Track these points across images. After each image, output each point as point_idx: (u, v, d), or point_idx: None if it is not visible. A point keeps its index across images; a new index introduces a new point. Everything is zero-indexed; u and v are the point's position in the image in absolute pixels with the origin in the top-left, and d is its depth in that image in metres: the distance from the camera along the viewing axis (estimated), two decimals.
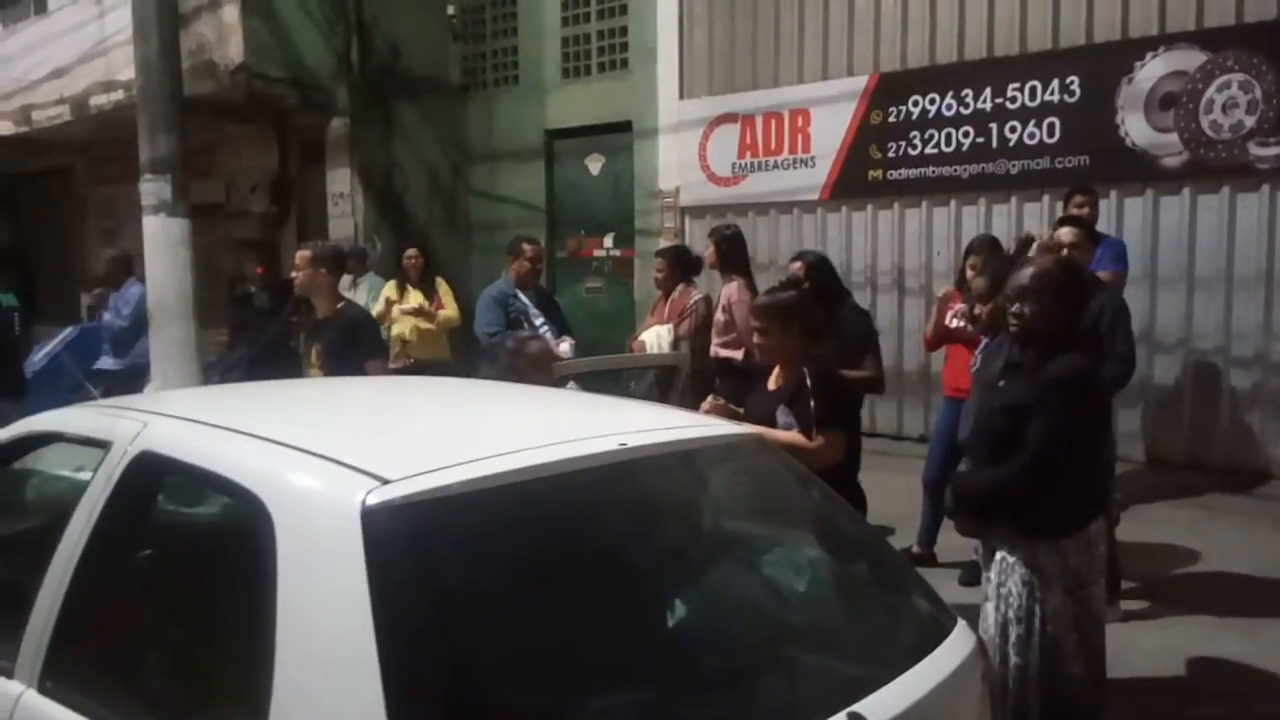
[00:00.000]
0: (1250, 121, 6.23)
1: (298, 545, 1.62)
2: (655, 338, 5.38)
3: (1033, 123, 6.98)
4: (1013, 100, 7.06)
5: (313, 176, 9.88)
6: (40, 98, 10.49)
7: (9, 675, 1.95)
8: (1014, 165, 7.08)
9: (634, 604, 1.87)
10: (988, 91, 7.15)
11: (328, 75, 9.26)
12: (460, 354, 6.90)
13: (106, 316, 7.06)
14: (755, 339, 3.56)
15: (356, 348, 4.27)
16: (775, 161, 8.20)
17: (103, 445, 2.11)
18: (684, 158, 8.64)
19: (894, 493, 5.23)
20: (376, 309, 6.68)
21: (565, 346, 5.37)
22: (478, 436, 2.08)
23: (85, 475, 2.14)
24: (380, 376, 3.93)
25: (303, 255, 4.58)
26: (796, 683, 1.83)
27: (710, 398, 3.62)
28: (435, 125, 10.00)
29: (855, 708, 1.73)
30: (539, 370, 3.35)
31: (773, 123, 8.18)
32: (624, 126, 9.04)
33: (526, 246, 5.72)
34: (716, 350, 5.23)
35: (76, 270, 12.29)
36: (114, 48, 9.07)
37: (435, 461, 1.77)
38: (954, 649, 2.03)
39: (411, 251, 6.99)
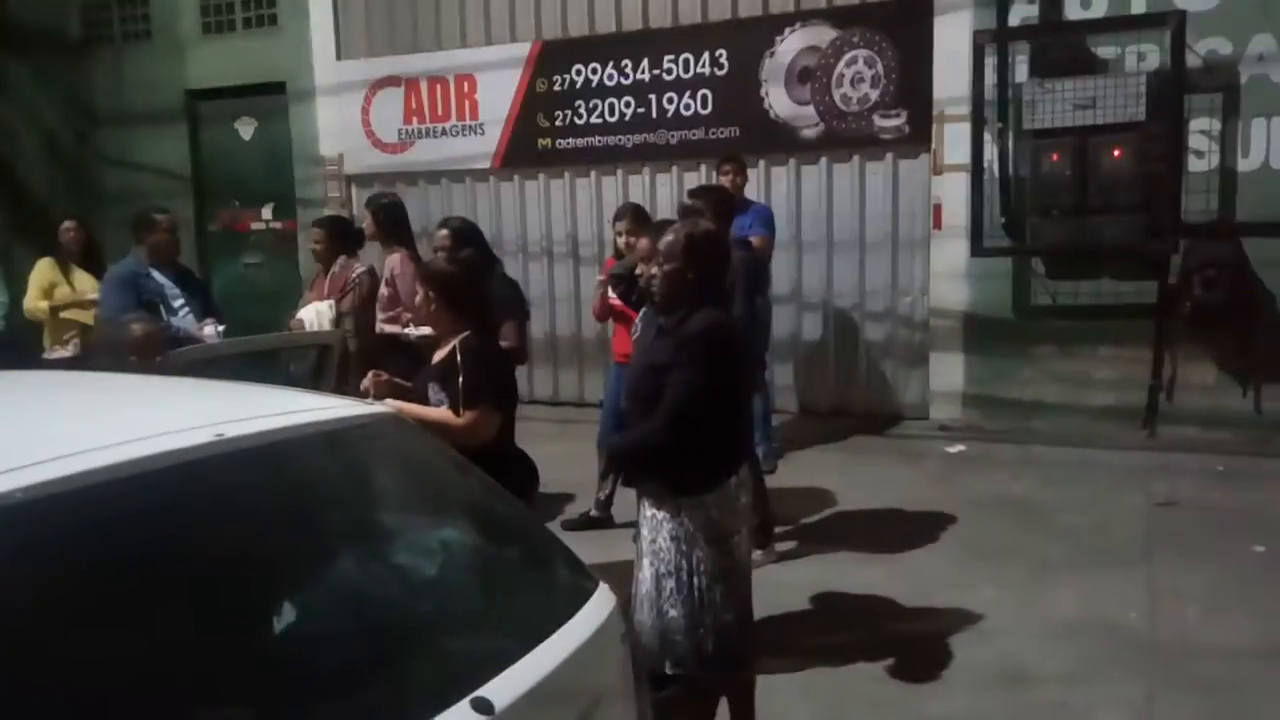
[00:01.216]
0: (875, 95, 6.83)
1: None
2: (315, 315, 5.01)
3: (688, 94, 7.26)
4: (669, 72, 7.29)
5: None
6: None
7: None
8: (673, 136, 7.33)
9: (230, 614, 1.65)
10: (645, 63, 7.33)
11: None
12: None
13: None
14: (418, 310, 3.42)
15: None
16: (444, 128, 7.97)
17: None
18: (346, 122, 8.17)
19: (576, 459, 5.30)
20: (40, 300, 5.73)
21: (210, 329, 4.87)
22: (38, 438, 1.76)
23: None
24: None
25: None
26: (417, 676, 1.70)
27: (371, 374, 3.43)
28: (52, 84, 8.80)
29: (481, 691, 1.64)
30: (146, 355, 2.97)
31: (439, 87, 7.93)
32: (277, 88, 8.39)
33: (159, 217, 5.11)
34: (381, 326, 4.97)
35: None
36: None
37: None
38: (591, 615, 2.00)
39: (69, 224, 5.99)
